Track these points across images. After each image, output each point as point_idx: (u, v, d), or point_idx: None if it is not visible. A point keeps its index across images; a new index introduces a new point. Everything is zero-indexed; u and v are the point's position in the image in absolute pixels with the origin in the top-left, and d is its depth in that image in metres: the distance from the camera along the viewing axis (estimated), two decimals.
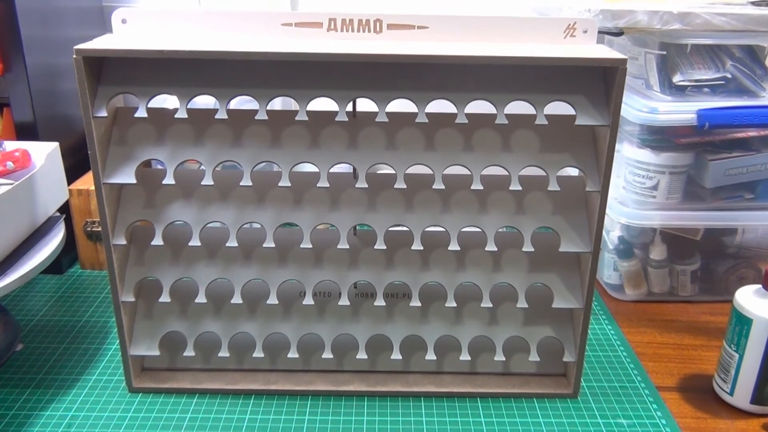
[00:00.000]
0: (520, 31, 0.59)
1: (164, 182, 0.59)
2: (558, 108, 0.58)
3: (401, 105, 0.58)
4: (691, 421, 0.63)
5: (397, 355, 0.64)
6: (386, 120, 0.57)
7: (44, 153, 0.71)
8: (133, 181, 0.58)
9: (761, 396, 0.63)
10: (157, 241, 0.61)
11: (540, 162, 0.60)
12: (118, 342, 0.71)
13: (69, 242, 0.80)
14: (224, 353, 0.65)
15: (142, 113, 0.57)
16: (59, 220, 0.71)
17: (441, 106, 0.58)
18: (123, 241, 0.61)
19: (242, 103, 0.75)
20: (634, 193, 0.80)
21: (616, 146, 0.58)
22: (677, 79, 0.76)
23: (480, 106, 0.58)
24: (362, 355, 0.65)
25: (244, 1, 1.00)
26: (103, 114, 0.56)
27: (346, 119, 0.57)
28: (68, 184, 0.80)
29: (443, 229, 0.62)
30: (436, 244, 0.65)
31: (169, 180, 0.59)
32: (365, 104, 0.59)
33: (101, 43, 0.55)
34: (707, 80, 0.77)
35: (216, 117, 0.57)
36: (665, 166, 0.77)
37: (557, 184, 0.59)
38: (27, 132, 0.81)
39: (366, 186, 0.60)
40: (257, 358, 0.66)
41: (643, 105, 0.75)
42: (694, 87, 0.77)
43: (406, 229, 0.62)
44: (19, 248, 0.65)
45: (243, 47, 0.54)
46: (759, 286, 0.63)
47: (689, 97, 0.76)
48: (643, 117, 0.75)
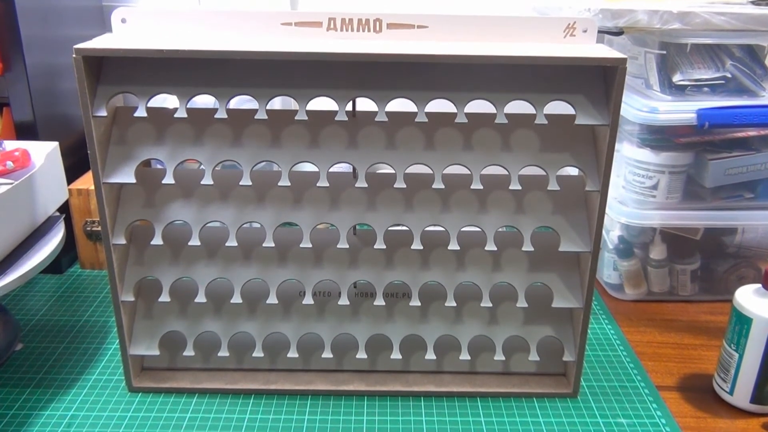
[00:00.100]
0: (519, 31, 0.59)
1: (164, 182, 0.59)
2: (558, 107, 0.58)
3: (401, 104, 0.58)
4: (691, 420, 0.63)
5: (396, 355, 0.64)
6: (386, 119, 0.57)
7: (44, 152, 0.71)
8: (133, 180, 0.58)
9: (761, 395, 0.63)
10: (157, 240, 0.61)
11: (540, 161, 0.60)
12: (117, 342, 0.71)
13: (69, 242, 0.80)
14: (224, 353, 0.65)
15: (141, 113, 0.57)
16: (59, 220, 0.71)
17: (441, 105, 0.58)
18: (123, 241, 0.61)
19: (242, 102, 0.75)
20: (634, 193, 0.80)
21: (615, 146, 0.58)
22: (677, 78, 0.76)
23: (480, 106, 0.58)
24: (362, 355, 0.65)
25: (243, 1, 0.99)
26: (103, 113, 0.56)
27: (346, 119, 0.57)
28: (68, 183, 0.80)
29: (443, 229, 0.62)
30: (436, 243, 0.65)
31: (168, 179, 0.59)
32: (365, 104, 0.59)
33: (101, 42, 0.55)
34: (707, 80, 0.77)
35: (216, 116, 0.57)
36: (665, 165, 0.77)
37: (557, 183, 0.59)
38: (27, 131, 0.81)
39: (366, 185, 0.60)
40: (257, 358, 0.66)
41: (642, 104, 0.75)
42: (693, 86, 0.77)
43: (406, 228, 0.62)
44: (19, 248, 0.65)
45: (243, 47, 0.54)
46: (759, 285, 0.63)
47: (689, 97, 0.76)
48: (642, 116, 0.75)
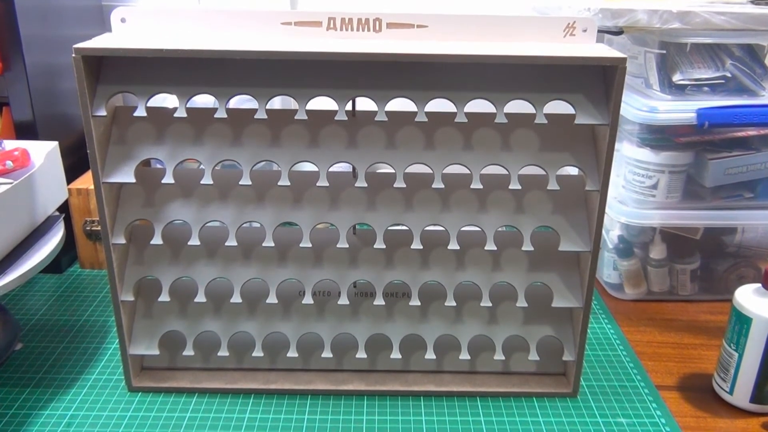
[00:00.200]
0: (519, 30, 0.59)
1: (163, 181, 0.59)
2: (558, 107, 0.58)
3: (401, 104, 0.58)
4: (691, 420, 0.63)
5: (396, 355, 0.64)
6: (386, 119, 0.57)
7: (43, 152, 0.71)
8: (133, 180, 0.58)
9: (761, 395, 0.63)
10: (157, 240, 0.61)
11: (539, 161, 0.60)
12: (117, 341, 0.72)
13: (68, 241, 0.80)
14: (224, 352, 0.65)
15: (141, 112, 0.57)
16: (58, 220, 0.71)
17: (440, 105, 0.58)
18: (122, 241, 0.61)
19: (242, 102, 0.75)
20: (634, 192, 0.80)
21: (615, 145, 0.58)
22: (677, 78, 0.76)
23: (479, 105, 0.58)
24: (362, 355, 0.65)
25: (243, 0, 0.99)
26: (103, 113, 0.56)
27: (346, 118, 0.57)
28: (67, 183, 0.80)
29: (443, 229, 0.62)
30: (436, 243, 0.65)
31: (168, 179, 0.59)
32: (365, 103, 0.59)
33: (100, 42, 0.55)
34: (707, 79, 0.77)
35: (215, 116, 0.57)
36: (665, 165, 0.77)
37: (557, 183, 0.59)
38: (26, 131, 0.81)
39: (365, 185, 0.60)
40: (257, 358, 0.66)
41: (642, 104, 0.75)
42: (693, 86, 0.77)
43: (406, 228, 0.62)
44: (19, 247, 0.65)
45: (242, 46, 0.54)
46: (759, 285, 0.63)
47: (689, 96, 0.76)
48: (642, 116, 0.75)
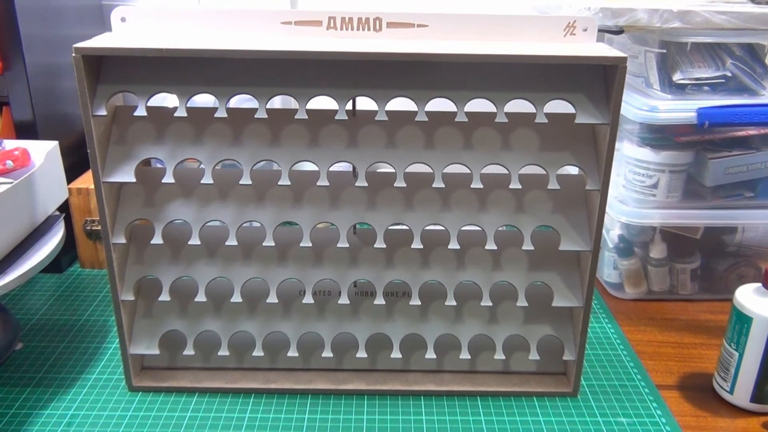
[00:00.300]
0: (519, 30, 0.59)
1: (164, 181, 0.59)
2: (558, 106, 0.58)
3: (401, 103, 0.58)
4: (691, 419, 0.63)
5: (396, 354, 0.64)
6: (386, 118, 0.57)
7: (44, 152, 0.71)
8: (133, 179, 0.58)
9: (761, 394, 0.63)
10: (157, 239, 0.61)
11: (540, 160, 0.60)
12: (117, 341, 0.71)
13: (68, 241, 0.80)
14: (224, 352, 0.65)
15: (141, 112, 0.57)
16: (59, 219, 0.71)
17: (441, 104, 0.58)
18: (122, 240, 0.61)
19: (242, 101, 0.75)
20: (634, 192, 0.80)
21: (616, 145, 0.58)
22: (677, 77, 0.76)
23: (480, 105, 0.58)
24: (362, 354, 0.65)
25: (243, 0, 0.99)
26: (103, 113, 0.56)
27: (346, 118, 0.57)
28: (68, 182, 0.80)
29: (443, 228, 0.62)
30: (436, 242, 0.65)
31: (168, 179, 0.59)
32: (365, 103, 0.59)
33: (100, 41, 0.55)
34: (707, 78, 0.77)
35: (215, 115, 0.57)
36: (665, 164, 0.77)
37: (557, 182, 0.59)
38: (26, 131, 0.81)
39: (366, 185, 0.60)
40: (257, 357, 0.66)
41: (643, 103, 0.75)
42: (694, 85, 0.76)
43: (406, 227, 0.62)
44: (19, 247, 0.65)
45: (242, 46, 0.54)
46: (759, 284, 0.63)
47: (689, 96, 0.76)
48: (643, 115, 0.75)
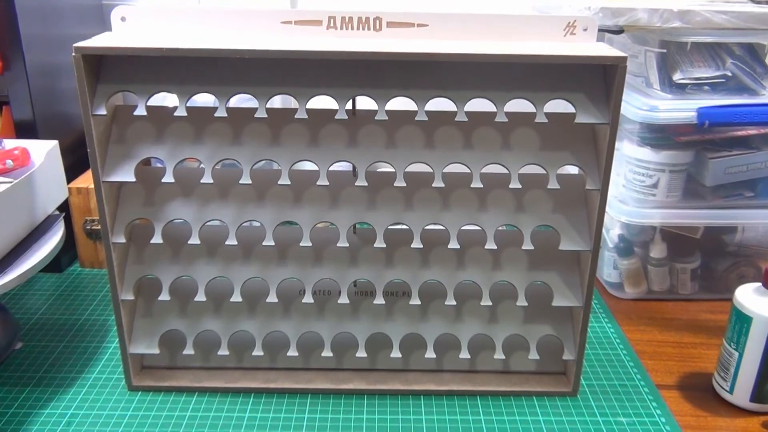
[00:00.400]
0: (520, 29, 0.59)
1: (164, 180, 0.59)
2: (558, 106, 0.58)
3: (401, 103, 0.58)
4: (691, 419, 0.63)
5: (396, 354, 0.64)
6: (386, 118, 0.57)
7: (44, 151, 0.71)
8: (133, 179, 0.58)
9: (761, 394, 0.63)
10: (157, 239, 0.61)
11: (540, 160, 0.60)
12: (117, 340, 0.71)
13: (68, 240, 0.80)
14: (224, 351, 0.65)
15: (141, 111, 0.57)
16: (59, 219, 0.71)
17: (441, 104, 0.58)
18: (122, 240, 0.60)
19: (242, 101, 0.75)
20: (634, 192, 0.80)
21: (616, 144, 0.58)
22: (677, 77, 0.76)
23: (480, 104, 0.58)
24: (362, 354, 0.65)
25: (243, 0, 1.00)
26: (103, 112, 0.56)
27: (346, 117, 0.57)
28: (68, 182, 0.80)
29: (443, 228, 0.62)
30: (436, 242, 0.65)
31: (168, 178, 0.59)
32: (365, 102, 0.59)
33: (100, 41, 0.55)
34: (707, 78, 0.76)
35: (215, 115, 0.57)
36: (665, 164, 0.77)
37: (557, 182, 0.59)
38: (26, 130, 0.81)
39: (366, 184, 0.60)
40: (257, 357, 0.66)
41: (643, 103, 0.75)
42: (694, 85, 0.76)
43: (406, 227, 0.62)
44: (19, 246, 0.65)
45: (242, 45, 0.54)
46: (759, 284, 0.63)
47: (689, 95, 0.76)
48: (643, 115, 0.75)
